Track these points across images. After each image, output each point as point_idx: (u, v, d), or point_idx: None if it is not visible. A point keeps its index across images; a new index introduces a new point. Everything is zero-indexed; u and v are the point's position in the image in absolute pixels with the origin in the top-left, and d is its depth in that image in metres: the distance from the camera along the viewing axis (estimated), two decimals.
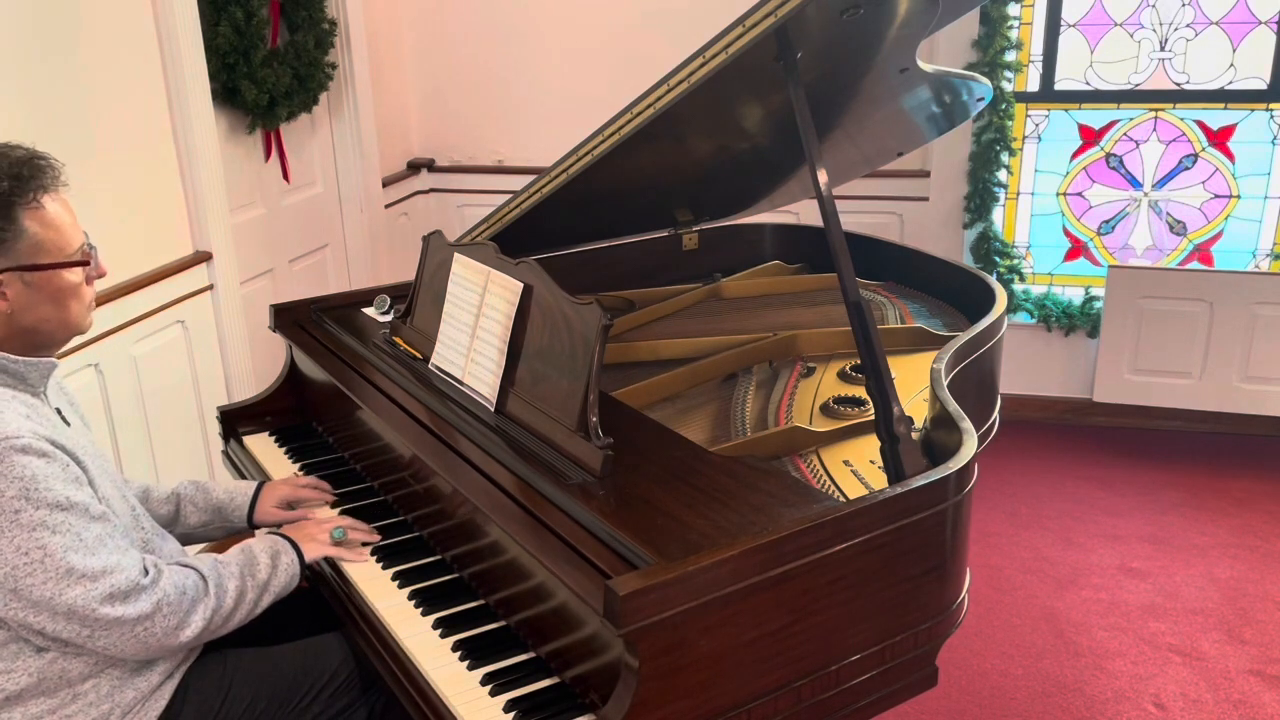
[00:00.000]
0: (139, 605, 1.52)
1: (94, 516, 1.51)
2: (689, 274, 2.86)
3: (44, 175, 1.54)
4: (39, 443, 1.47)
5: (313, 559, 1.80)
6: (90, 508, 1.51)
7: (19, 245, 1.50)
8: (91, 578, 1.47)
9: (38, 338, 1.58)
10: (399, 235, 4.56)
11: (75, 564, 1.46)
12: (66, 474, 1.50)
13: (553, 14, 4.39)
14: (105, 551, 1.50)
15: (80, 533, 1.48)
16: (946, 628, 1.67)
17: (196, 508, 1.98)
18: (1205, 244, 4.14)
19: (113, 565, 1.50)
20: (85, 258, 1.59)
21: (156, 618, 1.54)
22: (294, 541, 1.79)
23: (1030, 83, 4.14)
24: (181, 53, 2.98)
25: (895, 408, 1.69)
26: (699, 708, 1.39)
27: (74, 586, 1.46)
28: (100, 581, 1.48)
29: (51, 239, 1.53)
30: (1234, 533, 3.48)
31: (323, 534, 1.85)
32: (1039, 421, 4.36)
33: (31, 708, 1.52)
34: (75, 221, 1.59)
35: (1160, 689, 2.74)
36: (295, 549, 1.78)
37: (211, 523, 1.99)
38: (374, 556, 1.87)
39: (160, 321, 3.00)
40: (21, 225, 1.50)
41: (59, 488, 1.47)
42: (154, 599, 1.53)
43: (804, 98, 1.87)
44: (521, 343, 1.85)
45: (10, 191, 1.48)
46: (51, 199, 1.55)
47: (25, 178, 1.51)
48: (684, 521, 1.50)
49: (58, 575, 1.46)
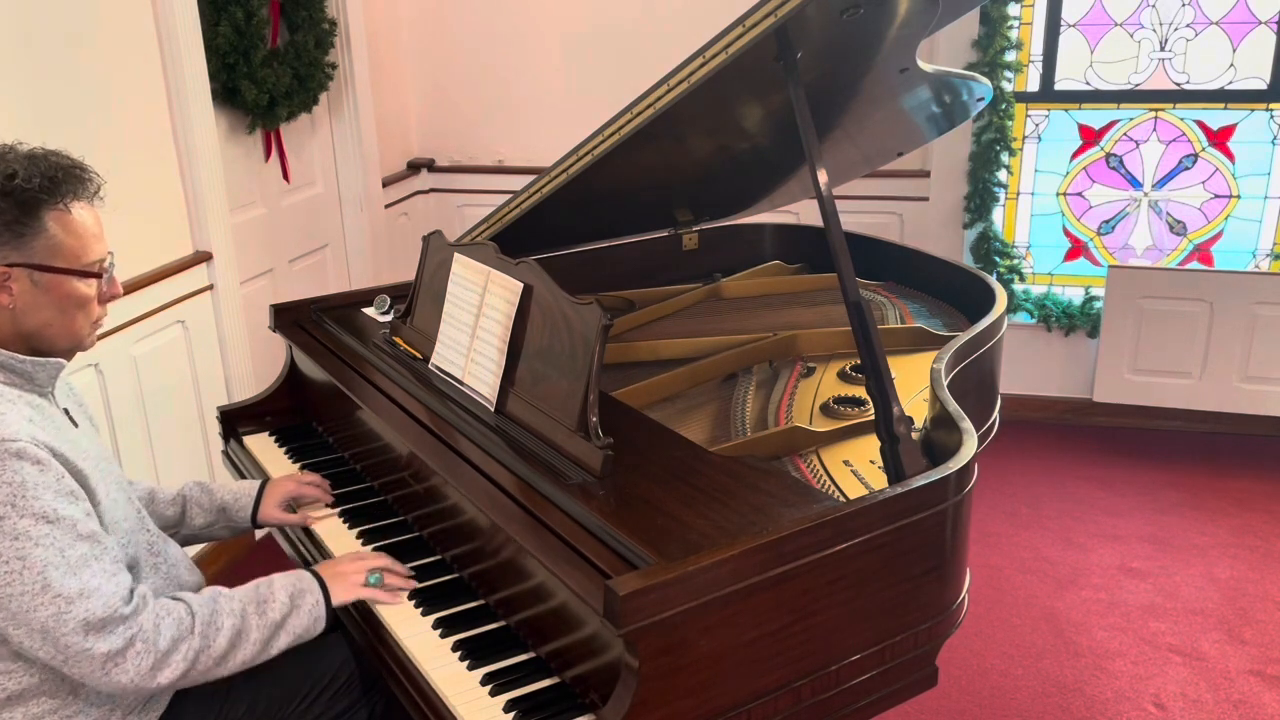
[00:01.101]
0: (109, 640, 1.44)
1: (81, 535, 1.45)
2: (689, 274, 2.86)
3: (79, 185, 1.53)
4: (36, 449, 1.44)
5: (341, 602, 1.69)
6: (79, 525, 1.45)
7: (36, 243, 1.49)
8: (66, 599, 1.41)
9: (39, 343, 1.56)
10: (399, 235, 4.57)
11: (52, 580, 1.40)
12: (59, 486, 1.45)
13: (553, 14, 4.39)
14: (88, 573, 1.44)
15: (64, 549, 1.42)
16: (946, 628, 1.67)
17: (201, 508, 1.97)
18: (1205, 244, 4.14)
19: (92, 589, 1.43)
20: (100, 270, 1.57)
21: (129, 654, 1.45)
22: (324, 580, 1.69)
23: (1030, 83, 4.14)
24: (181, 53, 2.98)
25: (895, 408, 1.69)
26: (699, 708, 1.39)
27: (47, 605, 1.40)
28: (75, 604, 1.41)
29: (70, 245, 1.52)
30: (1234, 533, 3.48)
31: (358, 574, 1.72)
32: (1039, 421, 4.36)
33: (33, 708, 1.52)
34: (101, 236, 1.57)
35: (1160, 689, 2.74)
36: (323, 588, 1.67)
37: (216, 523, 1.98)
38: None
39: (160, 321, 3.00)
40: (43, 224, 1.49)
41: (48, 498, 1.43)
42: (128, 634, 1.45)
43: (804, 98, 1.87)
44: (521, 343, 1.85)
45: (40, 189, 1.48)
46: (81, 207, 1.54)
47: (59, 181, 1.51)
48: (684, 521, 1.50)
49: (33, 590, 1.40)
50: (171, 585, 1.71)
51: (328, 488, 2.07)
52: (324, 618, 1.65)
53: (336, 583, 1.69)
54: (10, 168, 1.48)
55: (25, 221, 1.48)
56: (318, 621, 1.65)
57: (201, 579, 1.81)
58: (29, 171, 1.48)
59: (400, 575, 1.77)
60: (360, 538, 1.94)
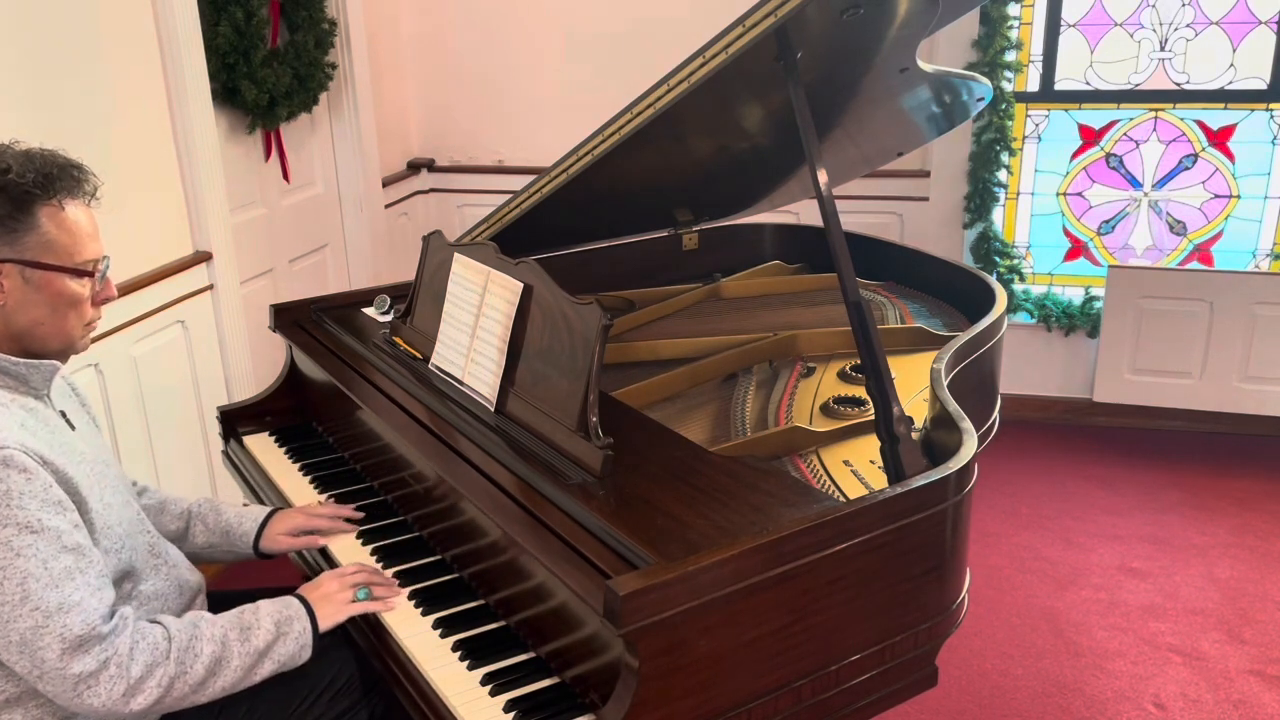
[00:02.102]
0: (83, 661, 1.41)
1: (66, 546, 1.43)
2: (689, 274, 2.86)
3: (74, 183, 1.53)
4: (24, 457, 1.42)
5: (329, 626, 1.66)
6: (64, 536, 1.43)
7: (28, 239, 1.49)
8: (45, 613, 1.39)
9: (30, 343, 1.54)
10: (399, 235, 4.57)
11: (31, 592, 1.39)
12: (47, 495, 1.43)
13: (552, 14, 4.39)
14: (70, 586, 1.42)
15: (46, 561, 1.40)
16: (946, 628, 1.67)
17: (206, 527, 1.93)
18: (1205, 244, 4.13)
19: (72, 603, 1.41)
20: (94, 270, 1.56)
21: (102, 678, 1.42)
22: (311, 608, 1.65)
23: (1030, 83, 4.14)
24: (181, 53, 2.98)
25: (895, 408, 1.69)
26: (699, 707, 1.40)
27: (25, 618, 1.39)
28: (54, 619, 1.39)
29: (63, 242, 1.51)
30: (1234, 533, 3.48)
31: (344, 593, 1.70)
32: (1039, 421, 4.36)
33: (32, 710, 1.51)
34: (96, 236, 1.57)
35: (1160, 689, 2.74)
36: (311, 617, 1.64)
37: (218, 545, 1.93)
38: (374, 556, 1.87)
39: (160, 321, 3.00)
40: (36, 220, 1.49)
41: (33, 508, 1.41)
42: (103, 656, 1.43)
43: (804, 98, 1.87)
44: (521, 343, 1.85)
45: (34, 184, 1.48)
46: (76, 206, 1.54)
47: (54, 178, 1.50)
48: (684, 521, 1.50)
49: (13, 601, 1.38)
50: (173, 586, 1.71)
51: (346, 515, 1.97)
52: (310, 645, 1.63)
53: (324, 606, 1.67)
54: (5, 163, 1.48)
55: (18, 217, 1.48)
56: (304, 649, 1.62)
57: (202, 579, 1.81)
58: (23, 167, 1.48)
59: (385, 584, 1.75)
60: (360, 538, 1.94)
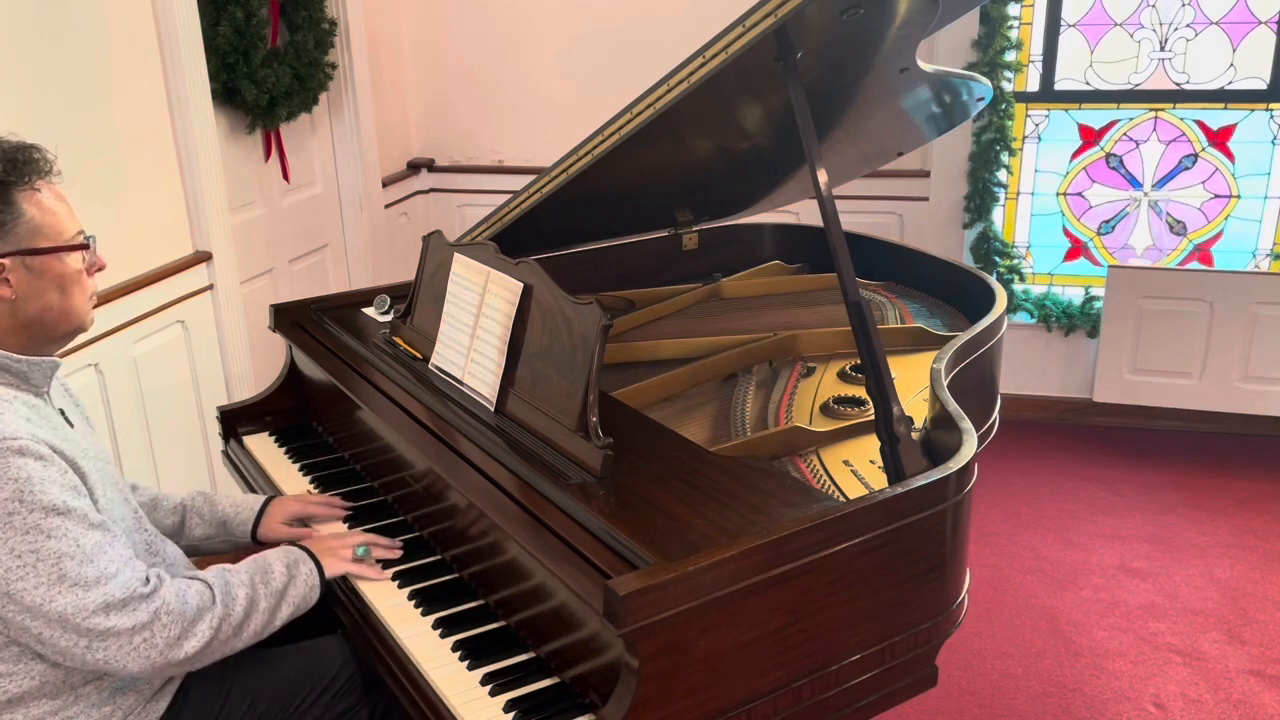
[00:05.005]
0: (135, 615, 1.46)
1: (93, 524, 1.47)
2: (689, 274, 2.86)
3: (37, 164, 1.54)
4: (37, 445, 1.45)
5: (333, 575, 1.74)
6: (89, 515, 1.47)
7: (18, 229, 1.50)
8: (84, 586, 1.43)
9: (40, 330, 1.56)
10: (399, 235, 4.57)
11: (68, 570, 1.42)
12: (64, 479, 1.47)
13: (553, 14, 4.39)
14: (104, 560, 1.46)
15: (78, 539, 1.44)
16: (946, 628, 1.67)
17: (202, 519, 1.94)
18: (1205, 244, 4.14)
19: (110, 574, 1.45)
20: (86, 243, 1.58)
21: (155, 627, 1.48)
22: (314, 554, 1.73)
23: (1030, 83, 4.14)
24: (181, 53, 2.98)
25: (895, 408, 1.69)
26: (699, 707, 1.39)
27: (65, 594, 1.42)
28: (93, 590, 1.43)
29: (50, 224, 1.53)
30: (1234, 533, 3.48)
31: (345, 549, 1.78)
32: (1039, 421, 4.36)
33: (33, 709, 1.51)
34: (71, 211, 1.59)
35: (1160, 689, 2.74)
36: (315, 561, 1.71)
37: (215, 536, 1.95)
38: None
39: (160, 321, 3.00)
40: (20, 208, 1.50)
41: (55, 492, 1.44)
42: (152, 607, 1.48)
43: (804, 98, 1.86)
44: (521, 343, 1.85)
45: (6, 172, 1.49)
46: (45, 185, 1.55)
47: (20, 163, 1.51)
48: (684, 521, 1.50)
49: (49, 581, 1.42)
50: None
51: (339, 504, 2.02)
52: (319, 587, 1.70)
53: (326, 557, 1.74)
54: None
55: (3, 209, 1.49)
56: (313, 590, 1.69)
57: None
58: None
59: (384, 547, 1.83)
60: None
